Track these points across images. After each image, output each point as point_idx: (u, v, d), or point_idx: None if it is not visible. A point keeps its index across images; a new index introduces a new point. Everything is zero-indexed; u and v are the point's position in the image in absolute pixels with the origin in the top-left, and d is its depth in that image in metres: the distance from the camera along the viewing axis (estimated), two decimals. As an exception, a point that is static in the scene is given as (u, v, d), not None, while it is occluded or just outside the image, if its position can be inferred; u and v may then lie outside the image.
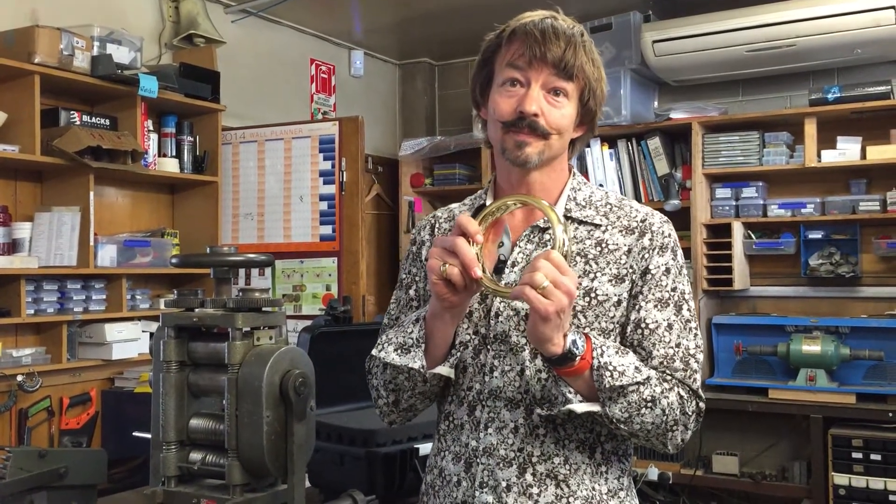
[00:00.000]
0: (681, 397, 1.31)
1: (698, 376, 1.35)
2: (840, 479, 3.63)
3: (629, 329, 1.34)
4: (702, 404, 1.34)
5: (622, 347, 1.30)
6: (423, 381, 1.36)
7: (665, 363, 1.32)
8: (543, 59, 1.31)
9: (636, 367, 1.27)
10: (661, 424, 1.29)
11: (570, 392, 1.27)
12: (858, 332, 3.89)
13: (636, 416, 1.27)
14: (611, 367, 1.24)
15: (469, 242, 1.25)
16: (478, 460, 1.35)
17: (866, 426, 3.65)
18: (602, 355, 1.25)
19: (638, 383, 1.26)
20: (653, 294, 1.34)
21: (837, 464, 3.64)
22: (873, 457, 3.57)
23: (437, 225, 1.52)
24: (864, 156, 3.94)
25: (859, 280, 4.10)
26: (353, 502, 1.59)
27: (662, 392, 1.28)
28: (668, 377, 1.31)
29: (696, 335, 1.36)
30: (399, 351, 1.36)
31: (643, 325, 1.33)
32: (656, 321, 1.33)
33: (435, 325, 1.33)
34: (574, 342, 1.23)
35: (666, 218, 1.43)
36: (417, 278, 1.49)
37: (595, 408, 1.27)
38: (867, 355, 3.79)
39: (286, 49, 4.63)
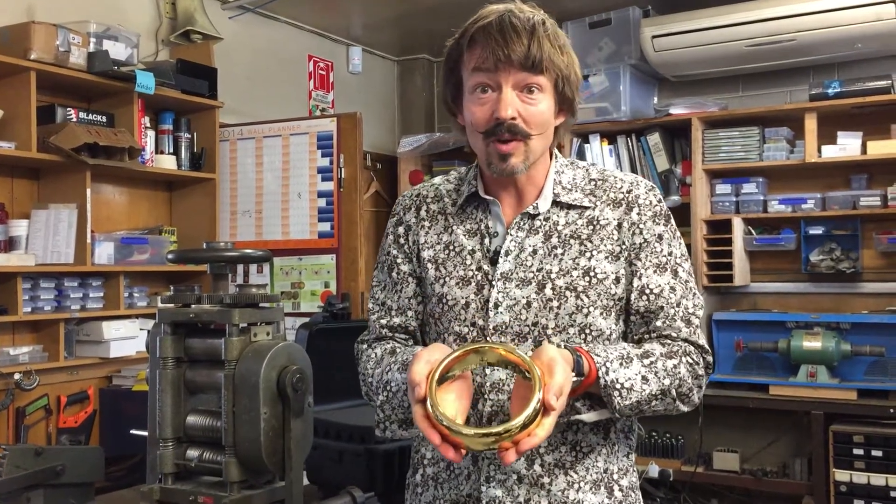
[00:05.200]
0: (690, 365, 1.34)
1: (701, 332, 1.38)
2: (841, 475, 3.62)
3: (633, 296, 1.36)
4: (709, 358, 1.38)
5: (626, 355, 1.29)
6: None
7: (667, 322, 1.35)
8: (509, 60, 1.28)
9: (643, 378, 1.28)
10: (674, 401, 1.33)
11: (577, 402, 1.29)
12: (859, 327, 3.88)
13: (647, 409, 1.31)
14: (618, 385, 1.26)
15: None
16: (483, 454, 1.34)
17: (867, 422, 3.64)
18: (608, 373, 1.25)
19: (647, 394, 1.28)
20: (650, 261, 1.37)
21: (839, 460, 3.63)
22: (874, 453, 3.56)
23: (423, 207, 1.48)
24: (864, 151, 3.93)
25: (860, 276, 4.09)
26: (352, 499, 1.58)
27: (670, 375, 1.30)
28: (675, 347, 1.34)
29: (695, 294, 1.39)
30: (403, 426, 1.37)
31: (647, 291, 1.36)
32: (659, 285, 1.36)
33: None
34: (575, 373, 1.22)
35: (651, 185, 1.43)
36: (399, 260, 1.47)
37: (605, 416, 1.31)
38: (868, 351, 3.78)
39: (284, 45, 4.61)
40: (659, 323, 1.35)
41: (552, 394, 1.13)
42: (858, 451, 3.59)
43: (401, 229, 1.48)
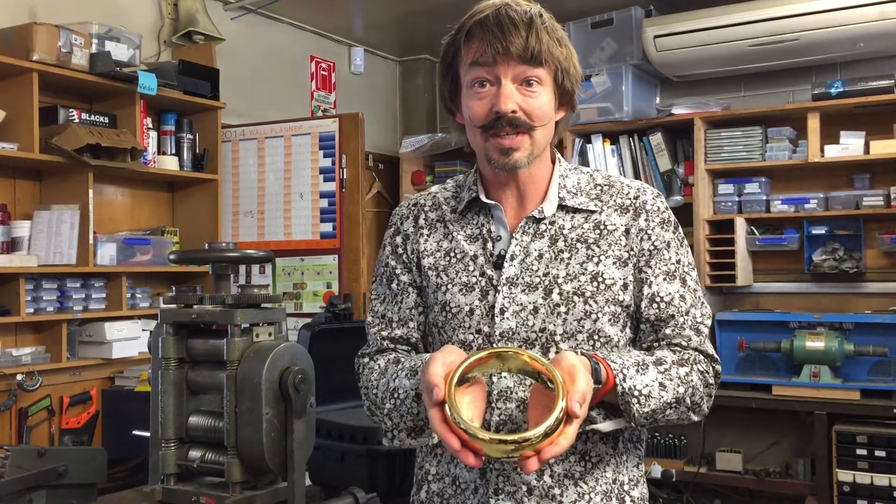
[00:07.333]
0: (701, 373, 1.32)
1: (709, 341, 1.37)
2: (844, 475, 3.61)
3: (643, 304, 1.34)
4: (718, 367, 1.37)
5: (641, 361, 1.27)
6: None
7: (677, 330, 1.33)
8: (507, 53, 1.25)
9: (660, 384, 1.26)
10: (687, 410, 1.31)
11: (592, 411, 1.25)
12: (862, 327, 3.87)
13: (662, 418, 1.29)
14: (636, 392, 1.23)
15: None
16: (492, 466, 1.29)
17: (871, 422, 3.64)
18: (625, 380, 1.23)
19: (664, 402, 1.26)
20: (659, 268, 1.35)
21: (841, 460, 3.62)
22: (878, 453, 3.55)
23: (421, 216, 1.44)
24: (867, 150, 3.92)
25: (863, 276, 4.08)
26: (355, 500, 1.58)
27: (684, 382, 1.29)
28: (686, 356, 1.32)
29: (703, 303, 1.38)
30: (412, 434, 1.32)
31: (658, 300, 1.34)
32: (669, 293, 1.34)
33: None
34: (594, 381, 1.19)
35: (657, 192, 1.41)
36: (398, 271, 1.43)
37: (621, 424, 1.28)
38: (871, 351, 3.77)
39: (286, 46, 4.61)
40: (668, 331, 1.33)
41: (575, 401, 1.10)
42: (861, 452, 3.59)
43: (398, 239, 1.44)
